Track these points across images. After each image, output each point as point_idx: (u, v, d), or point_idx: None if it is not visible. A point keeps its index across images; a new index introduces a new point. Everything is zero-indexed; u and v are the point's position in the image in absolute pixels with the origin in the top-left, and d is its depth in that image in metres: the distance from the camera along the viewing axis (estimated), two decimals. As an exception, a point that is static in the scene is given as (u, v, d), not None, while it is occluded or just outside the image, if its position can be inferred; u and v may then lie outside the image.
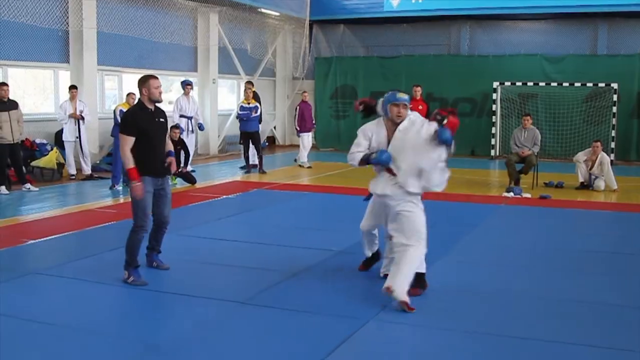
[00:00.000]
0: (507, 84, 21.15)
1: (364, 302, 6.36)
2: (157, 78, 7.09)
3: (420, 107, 15.33)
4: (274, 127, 24.80)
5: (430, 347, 5.36)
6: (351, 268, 7.68)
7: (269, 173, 16.48)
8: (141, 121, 6.92)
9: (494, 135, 21.16)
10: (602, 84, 20.23)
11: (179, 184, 14.24)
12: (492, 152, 21.17)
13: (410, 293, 6.17)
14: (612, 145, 19.84)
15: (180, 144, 14.38)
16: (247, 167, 16.74)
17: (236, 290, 6.66)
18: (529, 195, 13.37)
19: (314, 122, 18.73)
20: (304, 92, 19.01)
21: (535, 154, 14.59)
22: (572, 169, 15.19)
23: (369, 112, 6.99)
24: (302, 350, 5.19)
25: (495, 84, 21.14)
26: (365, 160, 6.59)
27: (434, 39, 23.34)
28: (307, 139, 18.20)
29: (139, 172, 6.80)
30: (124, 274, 6.99)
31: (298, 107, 18.26)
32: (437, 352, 5.25)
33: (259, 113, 16.86)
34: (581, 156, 14.58)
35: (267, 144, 23.62)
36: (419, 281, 6.52)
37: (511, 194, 13.38)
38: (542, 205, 12.36)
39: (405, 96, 6.55)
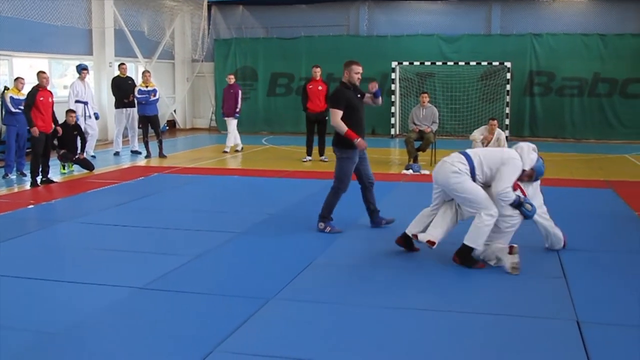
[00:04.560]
0: (406, 63, 21.50)
1: (265, 282, 6.39)
2: (359, 64, 8.42)
3: (320, 88, 15.46)
4: (174, 111, 24.45)
5: (330, 322, 5.42)
6: (252, 249, 7.72)
7: (169, 157, 16.27)
8: (347, 97, 8.23)
9: (393, 114, 21.49)
10: (496, 63, 20.88)
11: (76, 170, 13.89)
12: (392, 131, 21.51)
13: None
14: (507, 122, 20.47)
15: (76, 129, 14.02)
16: (147, 152, 16.41)
17: (135, 275, 6.56)
18: (427, 172, 13.64)
19: (237, 108, 17.50)
20: (229, 75, 18.35)
21: (434, 131, 14.91)
22: (469, 146, 15.51)
23: None
24: (203, 332, 5.17)
25: (394, 64, 21.45)
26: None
27: (333, 19, 23.45)
28: (229, 123, 17.72)
29: (346, 145, 8.18)
30: (320, 225, 8.37)
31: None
32: (336, 328, 5.32)
33: (157, 96, 16.58)
34: (477, 135, 14.91)
35: (167, 127, 23.31)
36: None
37: (410, 171, 13.65)
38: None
39: None
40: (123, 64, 17.28)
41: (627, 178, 13.16)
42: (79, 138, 13.99)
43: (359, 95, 8.48)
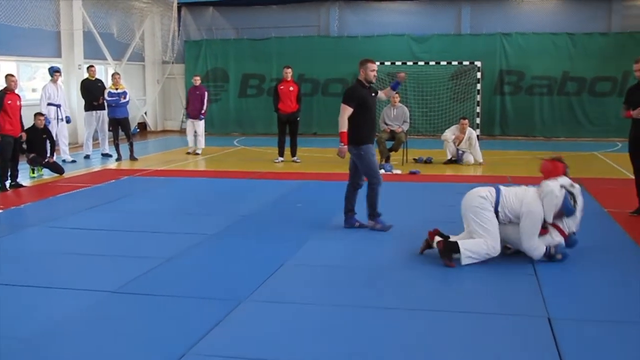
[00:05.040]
0: (376, 63, 21.44)
1: (237, 284, 6.37)
2: (374, 62, 8.58)
3: (291, 88, 15.46)
4: (145, 113, 24.30)
5: (303, 323, 5.42)
6: (225, 251, 7.70)
7: (140, 159, 16.16)
8: (361, 95, 8.39)
9: (365, 115, 21.48)
10: (466, 62, 21.00)
11: (46, 174, 13.74)
12: (364, 131, 21.49)
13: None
14: (478, 120, 20.59)
15: (45, 133, 13.86)
16: (118, 155, 16.26)
17: (107, 279, 6.51)
18: (399, 172, 13.73)
19: (203, 110, 17.47)
20: (194, 76, 18.25)
21: (405, 131, 14.98)
22: (440, 145, 15.66)
23: None
24: (175, 335, 5.14)
25: (365, 64, 21.43)
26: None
27: (303, 20, 23.47)
28: (190, 125, 17.76)
29: (363, 141, 8.41)
30: (370, 223, 8.56)
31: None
32: (309, 329, 5.32)
33: (127, 99, 16.44)
34: (449, 135, 15.02)
35: (138, 130, 23.15)
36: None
37: (382, 171, 13.64)
38: (412, 181, 12.73)
39: None
40: (92, 66, 17.13)
41: (596, 175, 13.29)
42: (48, 141, 13.83)
43: (373, 94, 8.68)
